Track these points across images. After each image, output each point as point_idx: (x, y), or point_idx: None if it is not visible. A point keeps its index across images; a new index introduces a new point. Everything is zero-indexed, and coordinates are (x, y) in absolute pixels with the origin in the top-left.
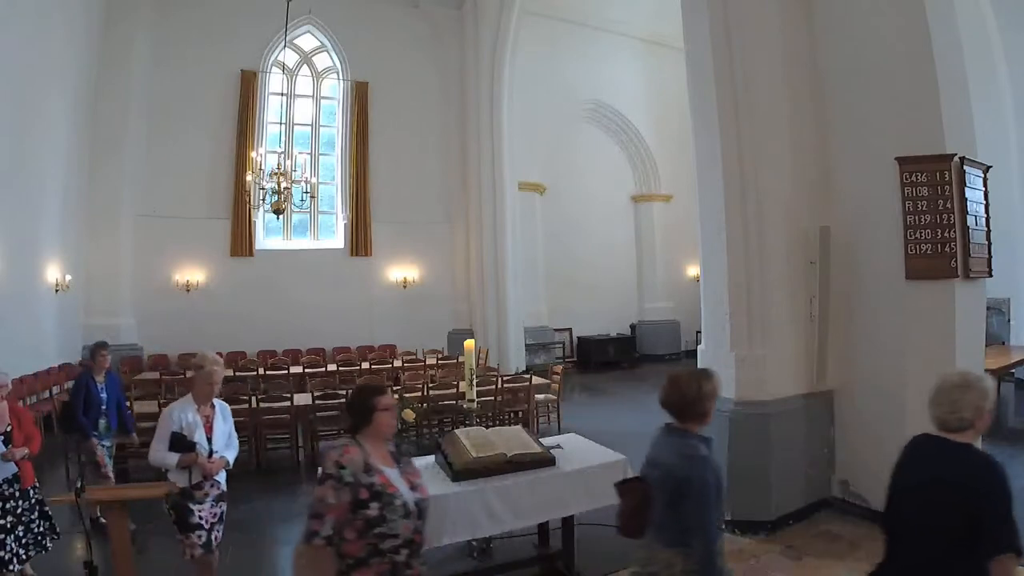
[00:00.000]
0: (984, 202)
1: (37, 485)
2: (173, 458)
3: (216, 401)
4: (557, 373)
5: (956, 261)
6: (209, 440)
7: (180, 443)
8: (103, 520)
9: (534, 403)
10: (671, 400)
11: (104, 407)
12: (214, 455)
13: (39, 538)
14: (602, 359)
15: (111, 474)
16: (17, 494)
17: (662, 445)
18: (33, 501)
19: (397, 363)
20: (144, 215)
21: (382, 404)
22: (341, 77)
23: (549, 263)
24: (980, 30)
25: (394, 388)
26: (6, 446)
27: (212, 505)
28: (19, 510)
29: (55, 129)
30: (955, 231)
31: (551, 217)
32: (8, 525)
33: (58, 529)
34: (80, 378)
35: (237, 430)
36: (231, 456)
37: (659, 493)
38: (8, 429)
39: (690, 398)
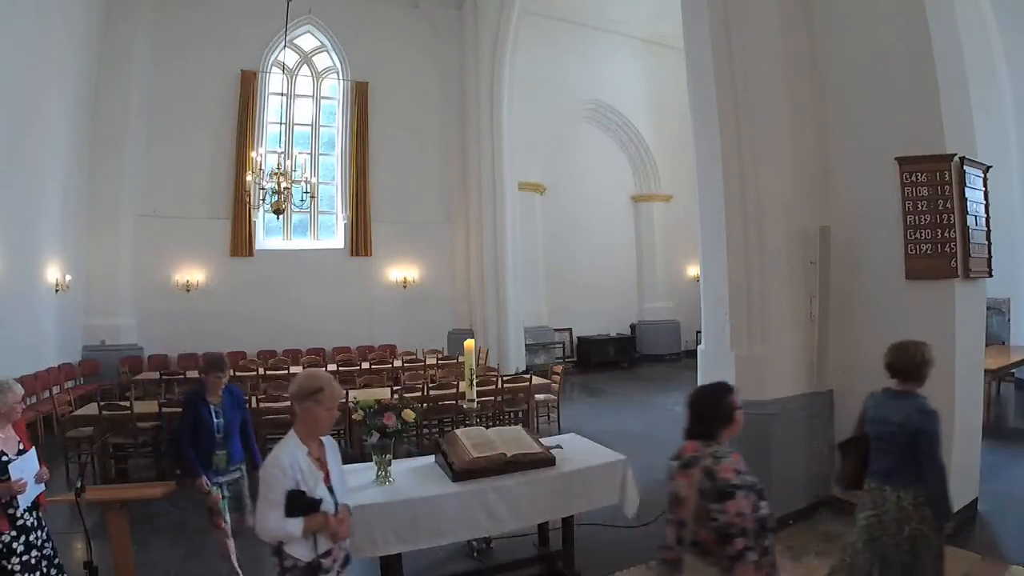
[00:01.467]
0: (984, 202)
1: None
2: (297, 526)
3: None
4: (557, 373)
5: (956, 261)
6: (330, 489)
7: (300, 503)
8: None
9: (534, 403)
10: (899, 364)
11: (221, 435)
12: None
13: (60, 569)
14: (602, 359)
15: (228, 528)
16: (38, 523)
17: (889, 406)
18: (46, 526)
19: (397, 363)
20: (144, 215)
21: (738, 403)
22: (341, 77)
23: (549, 263)
24: (980, 30)
25: (394, 388)
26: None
27: (339, 574)
28: (40, 541)
29: (55, 129)
30: (955, 231)
31: (551, 217)
32: (33, 561)
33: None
34: (188, 400)
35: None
36: (350, 501)
37: (890, 445)
38: (21, 448)
39: (916, 363)
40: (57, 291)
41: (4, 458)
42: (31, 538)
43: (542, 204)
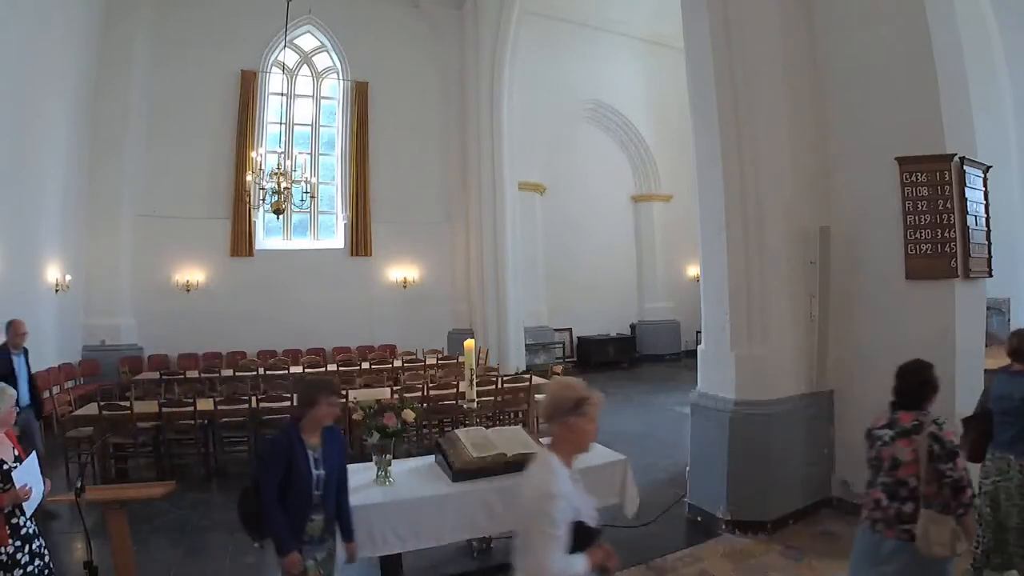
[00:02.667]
0: (984, 202)
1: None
2: (582, 563)
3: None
4: (557, 373)
5: (956, 261)
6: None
7: (585, 535)
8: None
9: (534, 403)
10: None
11: (320, 492)
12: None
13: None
14: (602, 359)
15: None
16: (38, 530)
17: (1011, 383)
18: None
19: (397, 363)
20: (144, 215)
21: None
22: (341, 77)
23: (549, 263)
24: (980, 30)
25: (394, 388)
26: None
27: None
28: (42, 549)
29: (55, 129)
30: (955, 231)
31: (551, 217)
32: (37, 571)
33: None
34: (279, 446)
35: (236, 430)
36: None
37: (1013, 418)
38: (16, 454)
39: None
40: (57, 291)
41: (5, 466)
42: (34, 547)
43: (542, 204)
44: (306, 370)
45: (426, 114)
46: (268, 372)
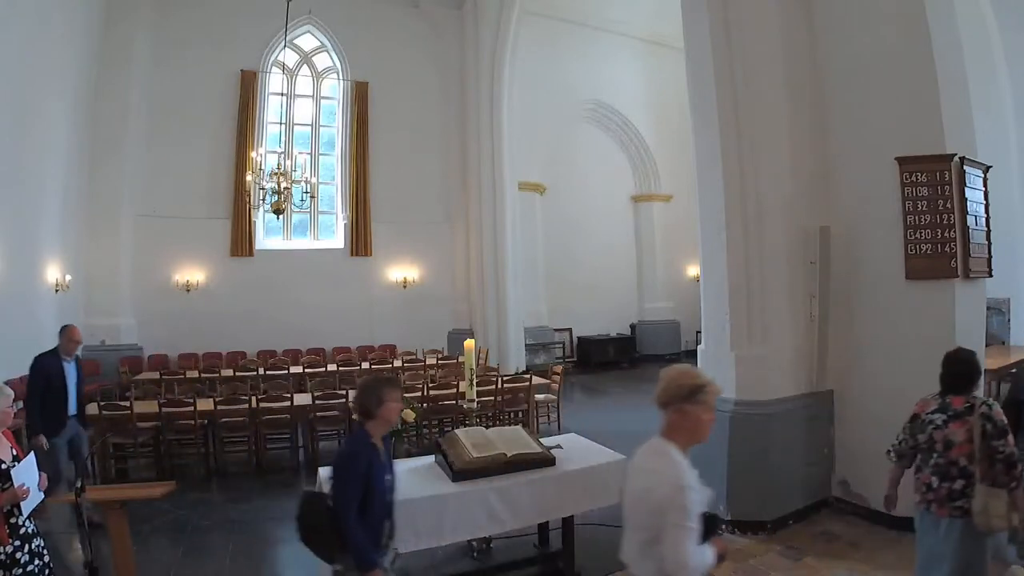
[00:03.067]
0: (984, 202)
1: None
2: (711, 553)
3: None
4: (557, 373)
5: (956, 261)
6: None
7: (713, 525)
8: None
9: (534, 403)
10: None
11: (391, 497)
12: None
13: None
14: (602, 359)
15: None
16: (37, 530)
17: None
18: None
19: (397, 363)
20: (144, 215)
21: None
22: (341, 77)
23: (549, 263)
24: (980, 30)
25: None
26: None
27: None
28: (41, 549)
29: (55, 129)
30: (955, 231)
31: (551, 217)
32: (36, 570)
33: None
34: (354, 452)
35: (236, 430)
36: None
37: None
38: (14, 453)
39: None
40: (57, 291)
41: (3, 465)
42: (33, 546)
43: (542, 204)
44: (306, 370)
45: (426, 114)
46: (268, 372)
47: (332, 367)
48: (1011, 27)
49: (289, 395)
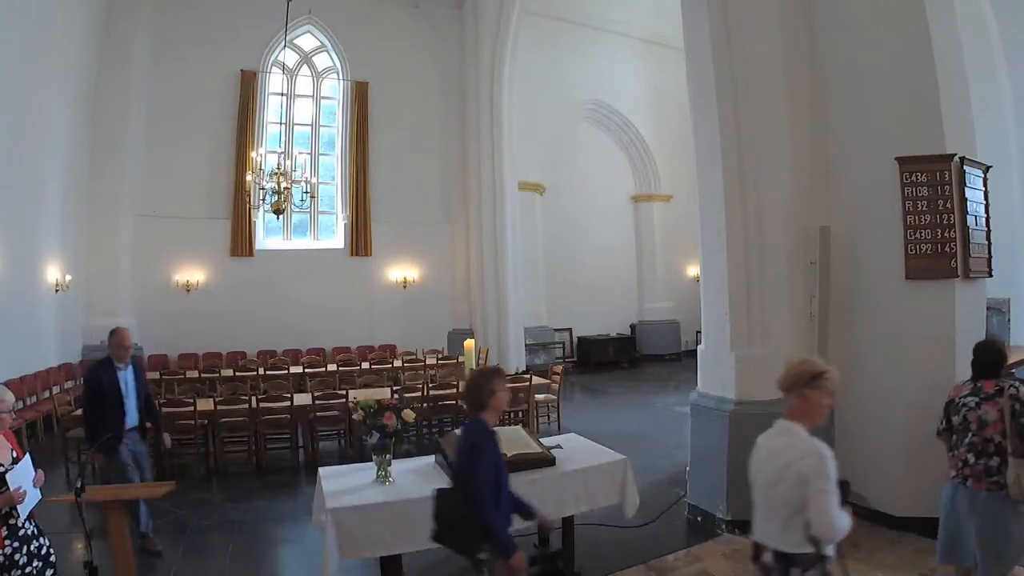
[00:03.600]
0: (984, 202)
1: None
2: (847, 515)
3: None
4: (557, 373)
5: (956, 261)
6: None
7: (844, 491)
8: None
9: (534, 403)
10: None
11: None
12: None
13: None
14: (602, 359)
15: None
16: (38, 531)
17: None
18: (43, 532)
19: (397, 363)
20: (144, 215)
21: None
22: (341, 77)
23: (549, 263)
24: (980, 30)
25: (394, 388)
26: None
27: None
28: (43, 550)
29: (55, 129)
30: (955, 231)
31: (551, 217)
32: (35, 572)
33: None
34: (479, 439)
35: (236, 430)
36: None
37: None
38: (14, 456)
39: None
40: (57, 291)
41: (1, 468)
42: (32, 547)
43: (542, 204)
44: (306, 370)
45: (426, 114)
46: (268, 372)
47: (332, 367)
48: (1011, 27)
49: (289, 395)
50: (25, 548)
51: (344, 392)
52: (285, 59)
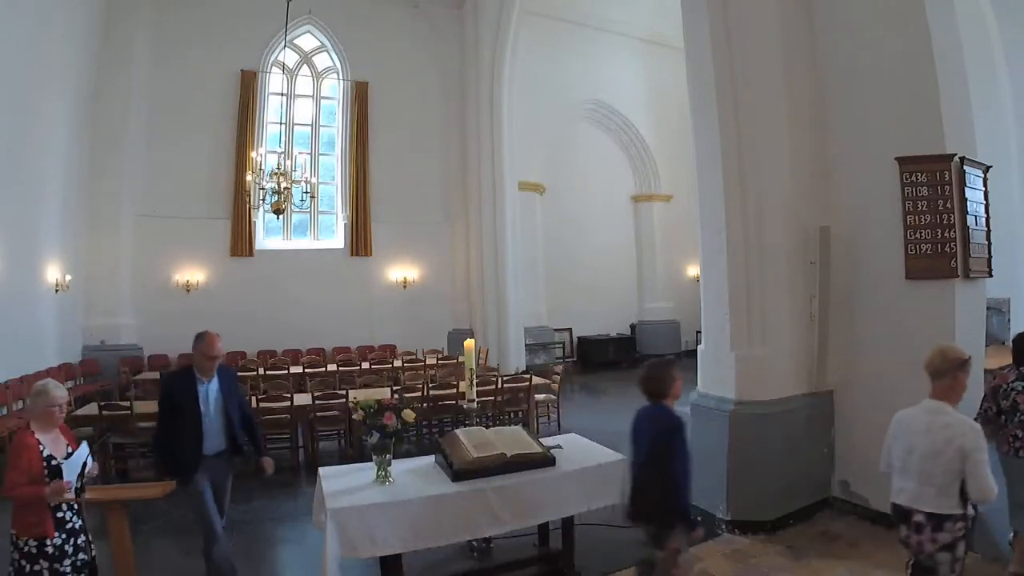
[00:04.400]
0: (984, 202)
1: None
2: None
3: None
4: (557, 373)
5: (956, 261)
6: None
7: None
8: None
9: (534, 403)
10: None
11: None
12: None
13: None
14: (602, 359)
15: None
16: (85, 526)
17: None
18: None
19: (397, 363)
20: (144, 215)
21: None
22: (341, 77)
23: (549, 263)
24: (980, 30)
25: (394, 388)
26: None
27: None
28: (88, 544)
29: (55, 129)
30: (955, 231)
31: (551, 217)
32: (81, 564)
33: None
34: (676, 420)
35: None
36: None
37: None
38: (70, 450)
39: None
40: (57, 291)
41: (55, 461)
42: (79, 541)
43: (542, 204)
44: (306, 370)
45: (426, 114)
46: (268, 372)
47: (332, 367)
48: (1011, 27)
49: (289, 395)
50: (73, 540)
51: (344, 392)
52: (285, 59)
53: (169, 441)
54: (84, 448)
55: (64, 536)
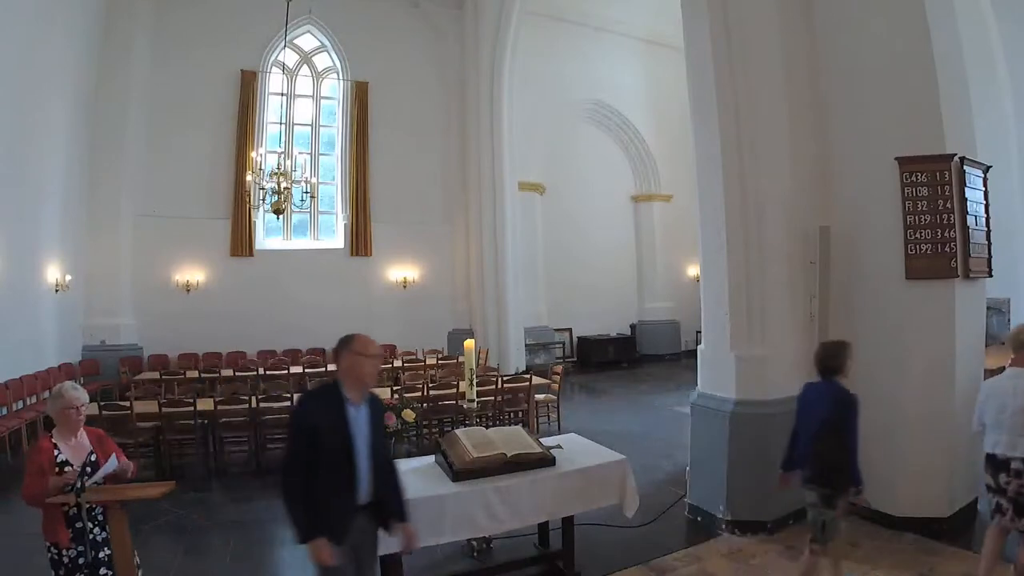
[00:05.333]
0: (984, 202)
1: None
2: None
3: None
4: (557, 373)
5: (956, 261)
6: None
7: None
8: None
9: (534, 403)
10: None
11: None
12: None
13: None
14: (602, 359)
15: None
16: (108, 539)
17: None
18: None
19: (397, 363)
20: (144, 215)
21: None
22: (341, 77)
23: (549, 263)
24: (980, 30)
25: (394, 388)
26: (84, 479)
27: None
28: (108, 557)
29: (55, 129)
30: (955, 231)
31: (551, 217)
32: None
33: None
34: (847, 394)
35: (236, 430)
36: None
37: None
38: (93, 458)
39: None
40: (57, 291)
41: (68, 468)
42: (100, 555)
43: (542, 204)
44: (306, 370)
45: (426, 114)
46: (268, 372)
47: (332, 367)
48: (1011, 27)
49: (289, 395)
50: (95, 554)
51: None
52: (285, 59)
53: (305, 487)
54: (112, 462)
55: (81, 548)
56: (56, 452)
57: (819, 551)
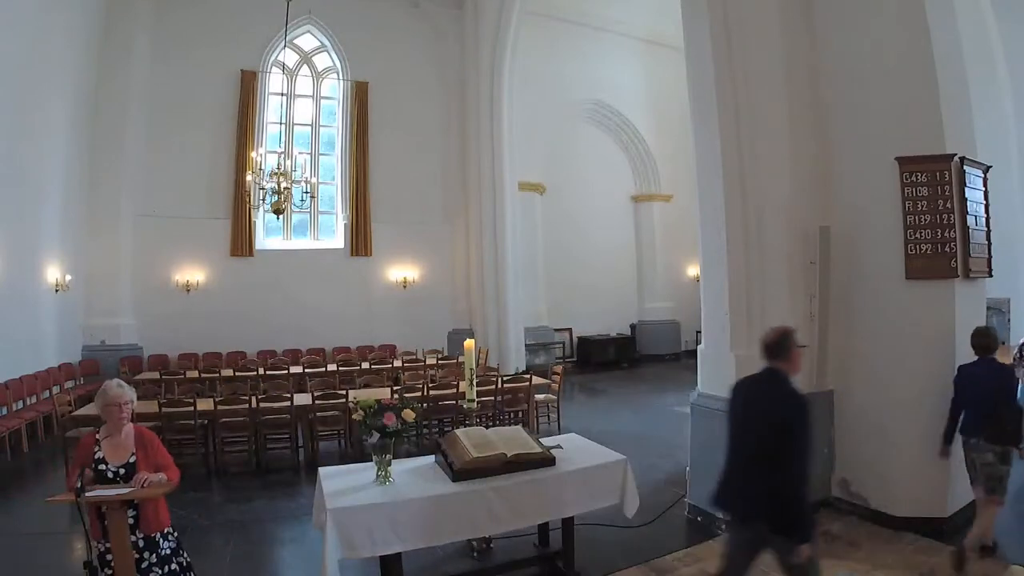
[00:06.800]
0: (984, 202)
1: (171, 531)
2: None
3: None
4: (557, 373)
5: (956, 261)
6: None
7: None
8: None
9: (534, 403)
10: None
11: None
12: None
13: None
14: (602, 359)
15: None
16: (147, 544)
17: None
18: (164, 553)
19: (397, 363)
20: (144, 215)
21: None
22: (341, 77)
23: (549, 263)
24: (980, 30)
25: (394, 388)
26: (120, 479)
27: None
28: (147, 564)
29: (55, 129)
30: (955, 231)
31: (551, 217)
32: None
33: None
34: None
35: (236, 430)
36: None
37: None
38: (132, 460)
39: None
40: (57, 291)
41: (102, 467)
42: (167, 568)
43: (542, 204)
44: (306, 370)
45: (426, 114)
46: (268, 372)
47: (332, 367)
48: (1011, 27)
49: (289, 395)
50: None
51: (344, 392)
52: (285, 59)
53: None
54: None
55: (108, 544)
56: (96, 449)
57: (1000, 502)
